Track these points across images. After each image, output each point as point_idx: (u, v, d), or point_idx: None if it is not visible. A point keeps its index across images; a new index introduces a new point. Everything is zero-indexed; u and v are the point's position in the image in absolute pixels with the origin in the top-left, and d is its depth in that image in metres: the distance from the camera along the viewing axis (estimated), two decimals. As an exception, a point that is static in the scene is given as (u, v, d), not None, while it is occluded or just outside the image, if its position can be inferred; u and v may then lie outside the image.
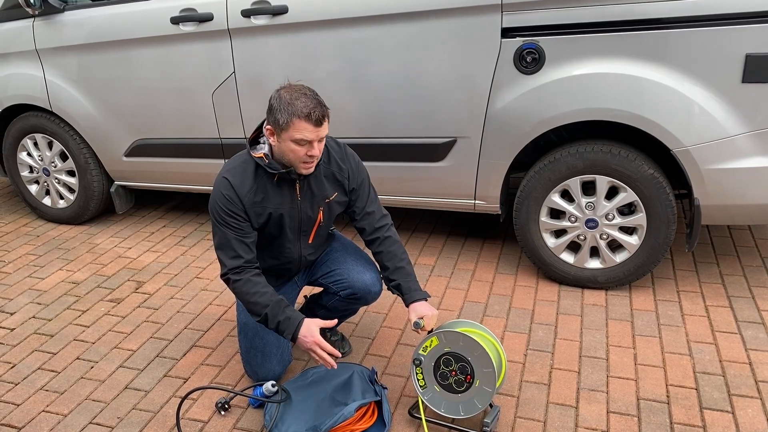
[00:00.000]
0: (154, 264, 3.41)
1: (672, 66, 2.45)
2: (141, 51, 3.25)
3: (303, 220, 2.20)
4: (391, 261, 2.23)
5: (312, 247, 2.31)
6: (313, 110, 1.92)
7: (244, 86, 3.12)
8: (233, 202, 2.07)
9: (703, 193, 2.58)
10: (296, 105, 1.92)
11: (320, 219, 2.22)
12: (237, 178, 2.08)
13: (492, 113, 2.75)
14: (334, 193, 2.21)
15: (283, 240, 2.22)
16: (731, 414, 2.13)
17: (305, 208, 2.17)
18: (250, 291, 2.09)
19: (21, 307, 3.02)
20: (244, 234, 2.11)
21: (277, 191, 2.11)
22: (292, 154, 1.99)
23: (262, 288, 2.09)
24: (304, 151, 1.98)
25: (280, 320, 2.06)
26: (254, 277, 2.11)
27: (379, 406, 2.14)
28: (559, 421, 2.14)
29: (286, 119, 1.93)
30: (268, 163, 2.05)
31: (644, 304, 2.79)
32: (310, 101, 1.93)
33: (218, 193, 2.08)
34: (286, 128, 1.95)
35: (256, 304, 2.08)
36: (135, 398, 2.35)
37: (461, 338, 1.99)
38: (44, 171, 3.86)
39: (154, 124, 3.42)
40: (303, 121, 1.92)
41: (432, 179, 3.01)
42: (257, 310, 2.08)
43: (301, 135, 1.94)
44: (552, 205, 2.83)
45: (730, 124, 2.45)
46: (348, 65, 2.90)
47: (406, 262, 2.24)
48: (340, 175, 2.20)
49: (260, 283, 2.11)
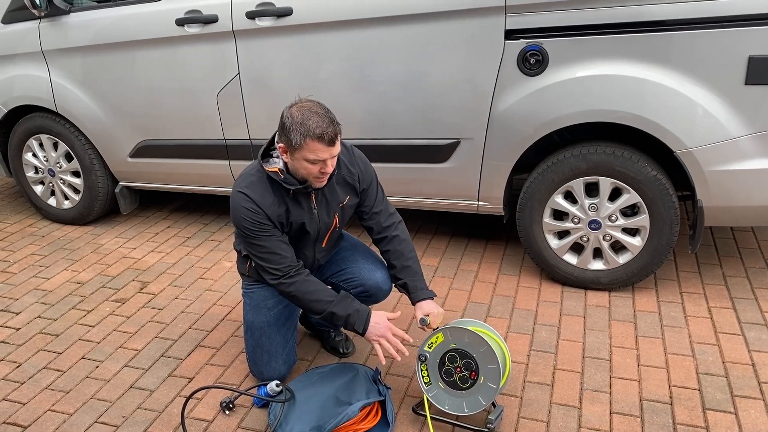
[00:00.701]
0: (159, 264, 3.42)
1: (675, 68, 2.46)
2: (146, 52, 3.27)
3: (321, 229, 2.22)
4: (399, 260, 2.25)
5: (325, 250, 2.34)
6: (325, 131, 1.90)
7: (248, 88, 3.13)
8: (258, 212, 2.06)
9: (706, 194, 2.59)
10: (308, 125, 1.90)
11: (336, 224, 2.25)
12: (256, 193, 2.07)
13: (495, 115, 2.76)
14: (347, 197, 2.22)
15: (300, 247, 2.24)
16: (734, 415, 2.14)
17: (322, 216, 2.19)
18: (310, 290, 2.12)
19: (26, 306, 3.04)
20: (278, 237, 2.12)
21: (294, 203, 2.13)
22: (305, 171, 2.00)
23: (318, 285, 2.14)
24: (318, 169, 1.98)
25: (350, 313, 2.09)
26: (308, 277, 2.14)
27: (383, 405, 2.15)
28: (562, 422, 2.15)
29: (298, 140, 1.92)
30: (284, 179, 2.05)
31: (647, 306, 2.79)
32: (322, 121, 1.91)
33: (240, 208, 2.06)
34: (299, 148, 1.94)
35: (319, 302, 2.10)
36: (140, 397, 2.36)
37: (467, 334, 2.00)
38: (49, 171, 3.88)
39: (158, 125, 3.44)
40: (316, 141, 1.91)
41: (435, 180, 3.02)
42: (320, 307, 2.11)
43: (314, 156, 1.93)
44: (555, 207, 2.84)
45: (733, 126, 2.45)
46: (352, 67, 2.91)
47: (414, 260, 2.27)
48: (351, 179, 2.21)
49: (314, 281, 2.14)
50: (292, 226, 2.15)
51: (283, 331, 2.32)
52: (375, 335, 2.11)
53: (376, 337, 2.11)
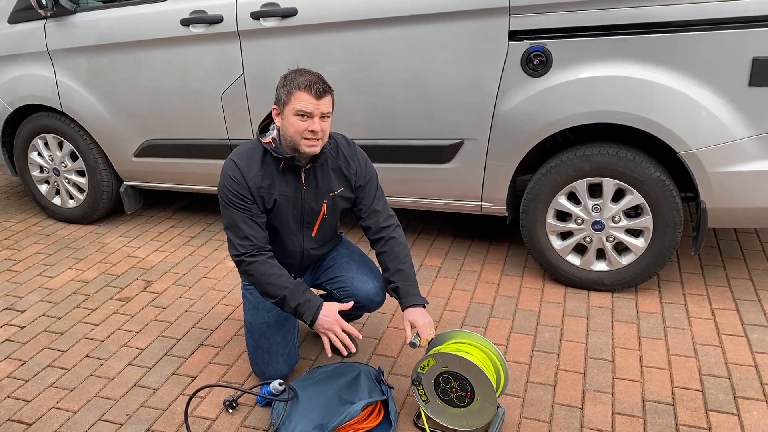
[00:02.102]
0: (163, 264, 3.43)
1: (679, 69, 2.46)
2: (151, 52, 3.28)
3: (306, 211, 2.22)
4: (393, 262, 2.23)
5: (315, 242, 2.32)
6: (313, 83, 1.99)
7: (253, 88, 3.14)
8: (240, 183, 2.11)
9: (709, 196, 2.59)
10: (298, 79, 2.01)
11: (324, 212, 2.24)
12: (244, 162, 2.12)
13: (499, 115, 2.77)
14: (340, 187, 2.23)
15: (286, 231, 2.24)
16: (736, 416, 2.14)
17: (309, 198, 2.19)
18: (267, 272, 2.11)
19: (31, 305, 3.05)
20: (253, 215, 2.14)
21: (282, 178, 2.15)
22: (293, 129, 2.03)
23: (278, 270, 2.13)
24: (305, 126, 2.01)
25: (300, 302, 2.09)
26: (270, 259, 2.14)
27: (386, 405, 2.16)
28: (565, 422, 2.15)
29: (287, 92, 2.01)
30: (275, 148, 2.09)
31: (650, 307, 2.79)
32: (312, 77, 2.02)
33: (225, 175, 2.13)
34: (287, 101, 2.01)
35: (274, 286, 2.10)
36: (143, 396, 2.37)
37: (458, 360, 1.98)
38: (54, 171, 3.90)
39: (163, 125, 3.45)
40: (303, 92, 1.98)
41: (439, 181, 3.03)
42: (274, 291, 2.10)
43: (301, 106, 1.99)
44: (558, 207, 2.84)
45: (737, 127, 2.45)
46: (356, 67, 2.92)
47: (408, 265, 2.24)
48: (348, 171, 2.22)
49: (276, 266, 2.14)
50: (276, 203, 2.16)
51: (283, 332, 2.32)
52: (323, 328, 2.09)
53: (324, 330, 2.09)
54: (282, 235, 2.25)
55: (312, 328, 2.12)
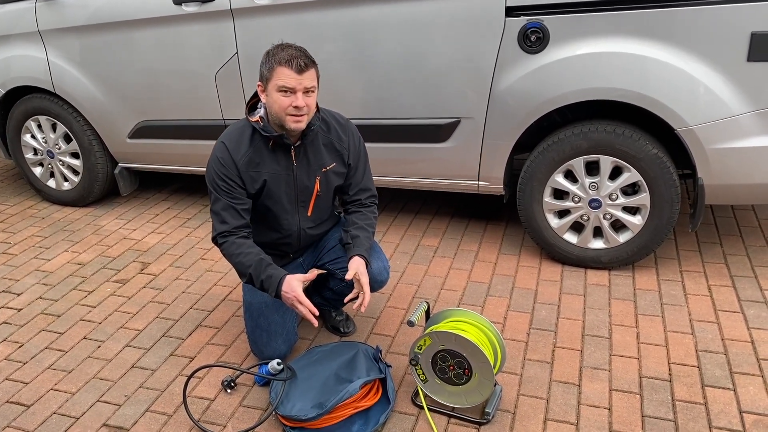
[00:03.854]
0: (159, 245, 3.42)
1: (677, 45, 2.44)
2: (144, 32, 3.24)
3: (300, 189, 2.21)
4: (361, 220, 2.26)
5: (311, 221, 2.31)
6: (294, 57, 1.96)
7: (247, 67, 3.11)
8: (227, 165, 2.10)
9: (707, 172, 2.58)
10: (279, 54, 1.98)
11: (317, 189, 2.23)
12: (233, 142, 2.11)
13: (496, 93, 2.74)
14: (332, 163, 2.22)
15: (280, 210, 2.23)
16: (733, 391, 2.15)
17: (301, 176, 2.18)
18: (234, 252, 2.12)
19: (27, 287, 3.05)
20: (236, 200, 2.13)
21: (272, 157, 2.13)
22: (276, 106, 2.01)
23: (246, 249, 2.12)
24: (289, 102, 1.99)
25: (263, 279, 2.09)
26: (240, 239, 2.14)
27: (384, 383, 2.16)
28: (562, 399, 2.16)
29: (269, 68, 1.99)
30: (263, 126, 2.08)
31: (647, 284, 2.80)
32: (293, 51, 1.98)
33: (213, 157, 2.12)
34: (270, 77, 1.99)
35: (242, 264, 2.11)
36: (142, 377, 2.38)
37: (454, 338, 1.98)
38: (48, 153, 3.87)
39: (157, 106, 3.42)
40: (284, 67, 1.96)
41: (435, 160, 3.01)
42: (243, 270, 2.12)
43: (283, 81, 1.96)
44: (555, 186, 2.83)
45: (735, 103, 2.44)
46: (351, 45, 2.89)
47: (371, 233, 2.27)
48: (340, 145, 2.21)
49: (245, 245, 2.13)
50: (266, 183, 2.14)
51: (281, 312, 2.32)
52: (287, 304, 2.11)
53: (289, 305, 2.12)
54: (278, 215, 2.24)
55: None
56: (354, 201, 2.33)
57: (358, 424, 2.06)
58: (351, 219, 2.29)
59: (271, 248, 2.33)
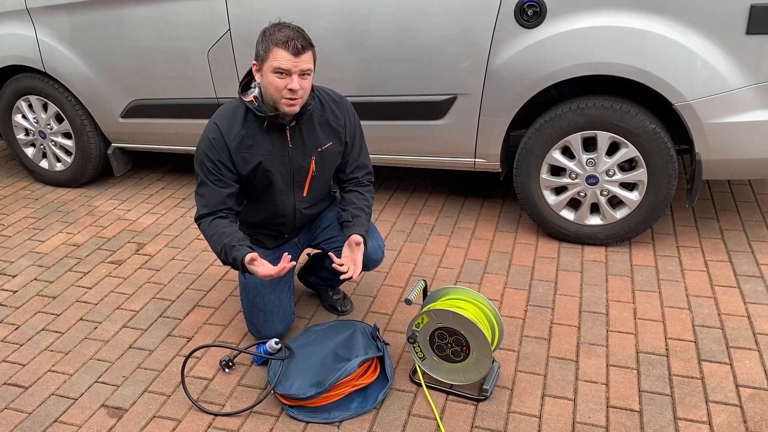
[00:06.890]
0: (154, 226, 3.40)
1: (675, 18, 2.41)
2: (134, 9, 3.18)
3: (295, 170, 2.18)
4: (360, 201, 2.24)
5: (307, 201, 2.29)
6: (291, 39, 1.92)
7: (239, 44, 3.07)
8: (218, 147, 2.06)
9: (704, 147, 2.57)
10: (276, 35, 1.94)
11: (313, 169, 2.21)
12: (225, 123, 2.07)
13: (492, 69, 2.71)
14: (329, 142, 2.19)
15: (275, 191, 2.20)
16: (729, 366, 2.16)
17: (297, 156, 2.15)
18: (209, 233, 2.09)
19: (22, 269, 3.03)
20: (221, 183, 2.10)
21: (266, 137, 2.10)
22: (272, 88, 1.98)
23: (221, 229, 2.07)
24: (284, 84, 1.95)
25: (230, 262, 2.05)
26: (216, 220, 2.10)
27: (382, 361, 2.17)
28: (560, 375, 2.17)
29: (265, 48, 1.95)
30: (257, 107, 2.04)
31: (644, 260, 2.80)
32: (291, 32, 1.94)
33: (204, 137, 2.09)
34: (266, 58, 1.95)
35: (217, 245, 2.07)
36: (139, 357, 2.38)
37: (451, 315, 1.98)
38: (40, 133, 3.82)
39: (149, 85, 3.38)
40: (281, 48, 1.92)
41: (432, 137, 2.99)
42: (216, 250, 2.08)
43: (278, 63, 1.93)
44: (553, 162, 2.82)
45: (733, 77, 2.42)
46: (346, 21, 2.85)
47: (369, 214, 2.25)
48: (336, 123, 2.18)
49: (219, 225, 2.09)
50: (260, 165, 2.11)
51: (278, 291, 2.31)
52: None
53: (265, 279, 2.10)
54: (273, 196, 2.21)
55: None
56: (351, 179, 2.30)
57: (357, 401, 2.06)
58: (350, 198, 2.26)
59: (267, 228, 2.32)
